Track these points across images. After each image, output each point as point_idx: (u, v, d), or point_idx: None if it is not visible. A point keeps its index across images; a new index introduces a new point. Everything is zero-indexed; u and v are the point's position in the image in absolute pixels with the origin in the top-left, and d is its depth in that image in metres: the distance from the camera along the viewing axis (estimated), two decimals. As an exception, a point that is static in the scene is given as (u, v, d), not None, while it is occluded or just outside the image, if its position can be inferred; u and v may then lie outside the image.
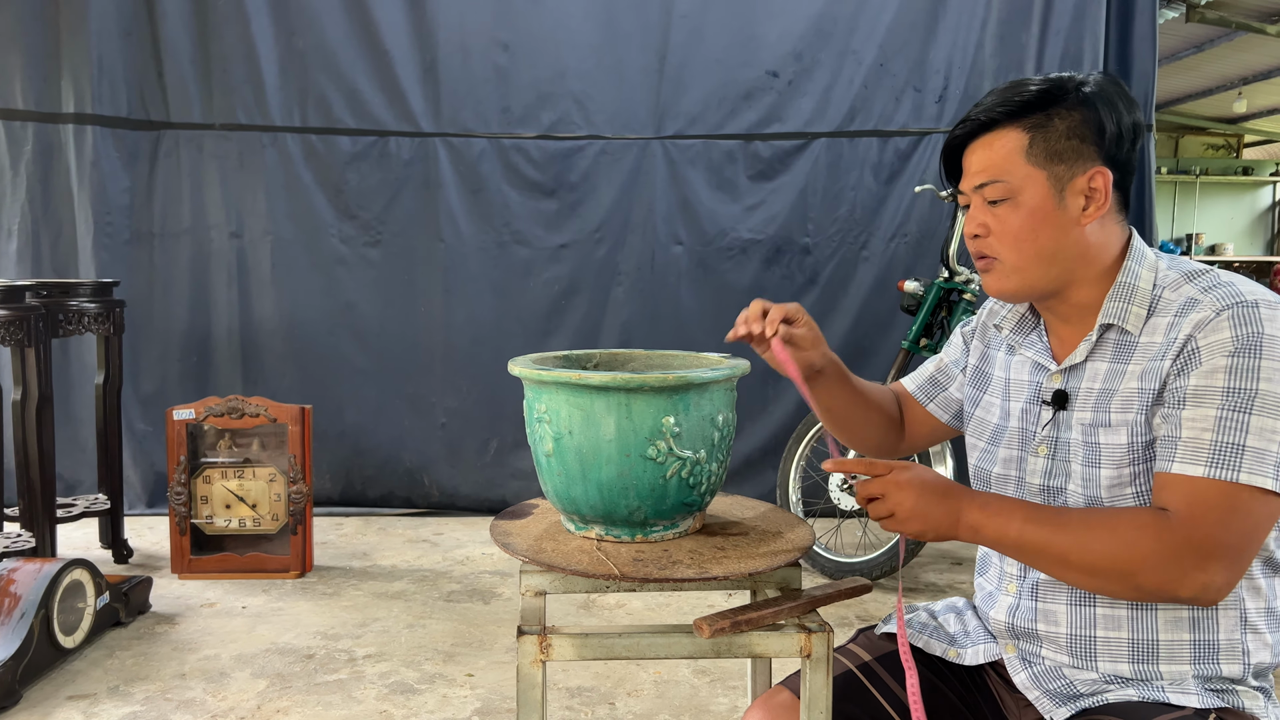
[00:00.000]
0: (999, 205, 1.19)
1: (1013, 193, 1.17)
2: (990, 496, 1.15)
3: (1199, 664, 1.14)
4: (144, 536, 3.80)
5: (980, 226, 1.21)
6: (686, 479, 1.34)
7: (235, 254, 4.20)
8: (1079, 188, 1.16)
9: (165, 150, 4.15)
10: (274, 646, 2.72)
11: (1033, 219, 1.16)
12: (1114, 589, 1.08)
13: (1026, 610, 1.25)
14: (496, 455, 4.27)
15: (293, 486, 3.30)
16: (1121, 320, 1.17)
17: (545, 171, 4.19)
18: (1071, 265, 1.18)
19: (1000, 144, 1.18)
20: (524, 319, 4.25)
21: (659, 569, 1.28)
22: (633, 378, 1.26)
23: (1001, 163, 1.17)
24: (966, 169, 1.23)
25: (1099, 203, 1.16)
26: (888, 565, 3.16)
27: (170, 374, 4.21)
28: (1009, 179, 1.17)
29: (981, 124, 1.20)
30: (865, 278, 4.20)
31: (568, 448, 1.33)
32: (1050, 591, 1.22)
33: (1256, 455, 1.04)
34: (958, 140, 1.24)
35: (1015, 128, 1.17)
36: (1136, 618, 1.16)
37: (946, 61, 4.10)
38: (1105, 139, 1.16)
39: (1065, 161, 1.16)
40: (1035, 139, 1.16)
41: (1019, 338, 1.33)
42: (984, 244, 1.22)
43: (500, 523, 1.49)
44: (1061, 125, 1.16)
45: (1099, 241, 1.18)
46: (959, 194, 1.26)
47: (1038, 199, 1.16)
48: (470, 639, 2.79)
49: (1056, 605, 1.22)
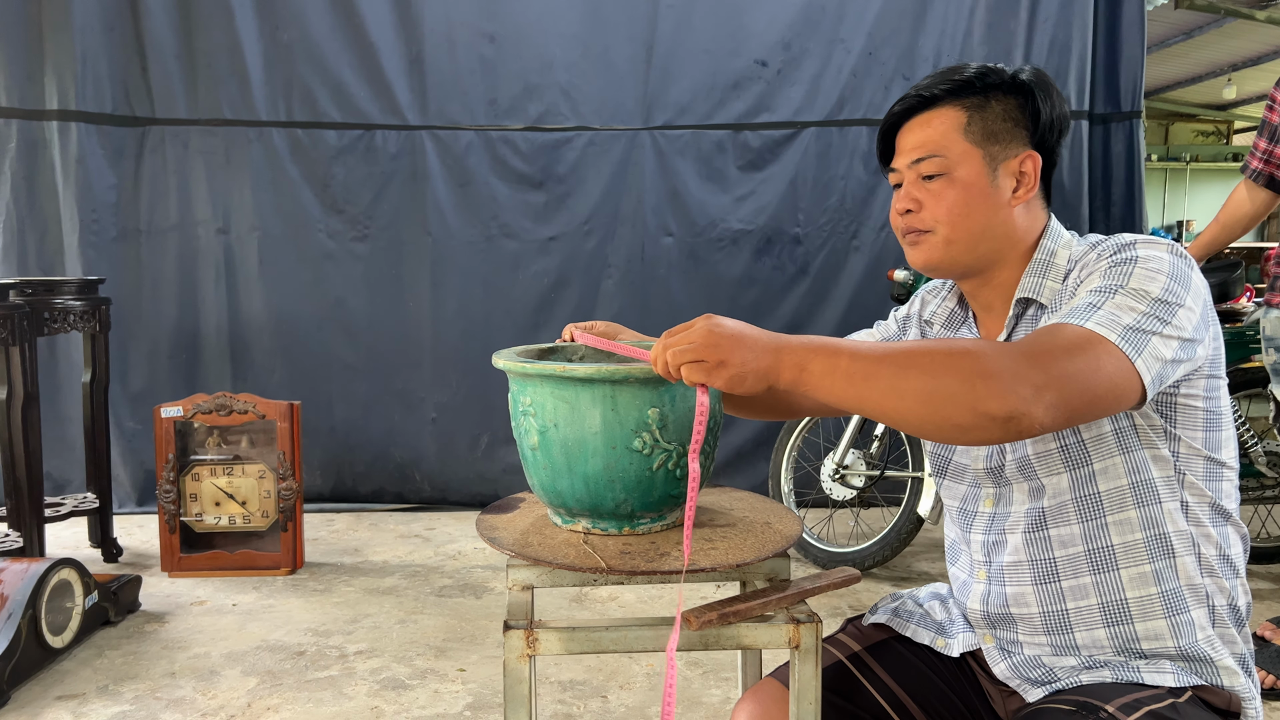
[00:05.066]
0: (933, 181, 1.20)
1: (949, 168, 1.19)
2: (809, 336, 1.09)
3: (1172, 614, 1.14)
4: (134, 535, 3.78)
5: (913, 202, 1.22)
6: (673, 470, 1.33)
7: (222, 250, 4.17)
8: (1011, 169, 1.19)
9: (151, 146, 4.11)
10: (264, 644, 2.71)
11: (967, 194, 1.18)
12: (948, 411, 0.96)
13: (997, 596, 1.25)
14: (487, 449, 4.26)
15: (282, 483, 3.29)
16: (1037, 294, 1.19)
17: (533, 163, 4.17)
18: (998, 245, 1.20)
19: (939, 121, 1.20)
20: (513, 312, 4.23)
21: (646, 561, 1.27)
22: (618, 369, 1.25)
23: (939, 139, 1.19)
24: (901, 148, 1.24)
25: (1028, 185, 1.19)
26: (880, 555, 3.15)
27: (159, 371, 4.18)
28: (946, 154, 1.19)
29: (923, 100, 1.22)
30: (856, 267, 4.19)
31: (553, 440, 1.32)
32: (1015, 573, 1.23)
33: (1110, 315, 1.03)
34: (895, 118, 1.25)
35: (954, 106, 1.20)
36: (1100, 582, 1.17)
37: (935, 50, 4.08)
38: (1039, 125, 1.20)
39: (1000, 142, 1.19)
40: (973, 118, 1.19)
41: (949, 331, 1.35)
42: (915, 219, 1.23)
43: (486, 517, 1.47)
44: (998, 107, 1.19)
45: (1024, 224, 1.21)
46: (890, 172, 1.27)
47: (973, 175, 1.18)
48: (462, 634, 2.78)
49: (1024, 587, 1.22)
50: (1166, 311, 1.05)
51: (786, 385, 1.04)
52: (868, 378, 1.00)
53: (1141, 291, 1.06)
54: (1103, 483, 1.16)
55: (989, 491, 1.28)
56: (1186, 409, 1.14)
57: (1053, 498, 1.19)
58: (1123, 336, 1.01)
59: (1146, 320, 1.03)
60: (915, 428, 1.02)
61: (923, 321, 1.42)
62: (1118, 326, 1.02)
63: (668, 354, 1.06)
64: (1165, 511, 1.15)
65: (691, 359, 1.04)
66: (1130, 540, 1.16)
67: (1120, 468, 1.15)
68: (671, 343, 1.06)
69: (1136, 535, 1.15)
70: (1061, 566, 1.20)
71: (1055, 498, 1.19)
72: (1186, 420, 1.15)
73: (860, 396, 1.01)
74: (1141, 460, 1.15)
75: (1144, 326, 1.03)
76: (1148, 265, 1.08)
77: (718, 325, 1.04)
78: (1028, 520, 1.22)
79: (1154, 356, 1.02)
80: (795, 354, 1.03)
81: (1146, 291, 1.06)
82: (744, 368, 1.02)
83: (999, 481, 1.25)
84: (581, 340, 1.51)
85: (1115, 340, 1.01)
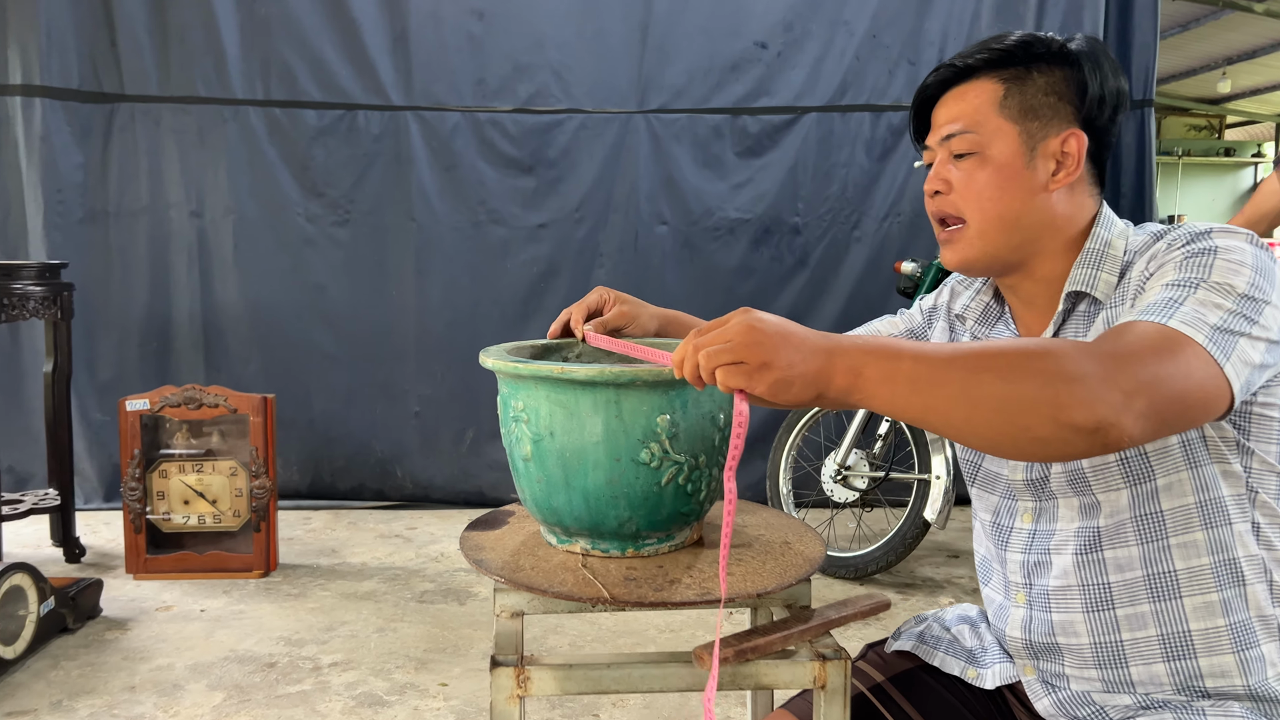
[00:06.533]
0: (964, 160, 1.09)
1: (981, 146, 1.08)
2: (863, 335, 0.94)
3: (1241, 649, 1.03)
4: (99, 533, 3.60)
5: (942, 183, 1.11)
6: (684, 485, 1.18)
7: (196, 234, 3.99)
8: (1051, 150, 1.07)
9: (120, 124, 3.92)
10: (233, 654, 2.54)
11: (999, 176, 1.07)
12: (1027, 421, 0.83)
13: (1041, 623, 1.13)
14: (473, 445, 4.09)
15: (255, 481, 3.11)
16: (1090, 287, 1.07)
17: (522, 147, 4.00)
18: (1036, 234, 1.09)
19: (973, 94, 1.09)
20: (501, 302, 4.06)
21: (655, 590, 1.11)
22: (624, 370, 1.09)
23: (972, 113, 1.09)
24: (934, 123, 1.14)
25: (1070, 168, 1.07)
26: (884, 560, 3.01)
27: (128, 361, 4.00)
28: (979, 131, 1.08)
29: (957, 71, 1.11)
30: (857, 259, 4.05)
31: (549, 451, 1.16)
32: (1063, 599, 1.10)
33: (1195, 313, 0.91)
34: (930, 91, 1.14)
35: (991, 78, 1.09)
36: (1161, 611, 1.05)
37: (941, 33, 3.94)
38: (1086, 100, 1.08)
39: (1040, 119, 1.07)
40: (1011, 91, 1.08)
41: (984, 329, 1.22)
42: (944, 201, 1.12)
43: (471, 535, 1.32)
44: (1040, 80, 1.08)
45: (1066, 212, 1.09)
46: (924, 150, 1.16)
47: (1006, 155, 1.07)
48: (444, 643, 2.62)
49: (1072, 614, 1.10)
50: (1254, 309, 0.93)
51: (837, 393, 0.90)
52: (934, 383, 0.86)
53: (1225, 286, 0.94)
54: (1166, 501, 1.04)
55: (1026, 505, 1.15)
56: (1262, 419, 1.02)
57: (1109, 516, 1.07)
58: (1210, 338, 0.89)
59: (1233, 319, 0.91)
60: (988, 442, 0.88)
61: (953, 315, 1.29)
62: (1204, 326, 0.90)
63: (700, 355, 0.90)
64: (1235, 534, 1.03)
65: (729, 360, 0.88)
66: (1195, 565, 1.04)
67: (1186, 484, 1.03)
68: (704, 341, 0.91)
69: (1203, 560, 1.04)
70: (1117, 593, 1.07)
71: (1112, 516, 1.07)
72: (1262, 432, 1.02)
73: (925, 405, 0.87)
74: (1210, 476, 1.03)
75: (1231, 326, 0.91)
76: (1229, 257, 0.96)
77: (759, 321, 0.89)
78: (1079, 540, 1.09)
79: (1242, 360, 0.90)
80: (849, 356, 0.88)
81: (1231, 286, 0.94)
82: (790, 371, 0.88)
83: (1040, 495, 1.13)
84: (594, 343, 1.34)
85: (1202, 342, 0.89)
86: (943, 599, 2.97)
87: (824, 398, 0.90)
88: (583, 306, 1.35)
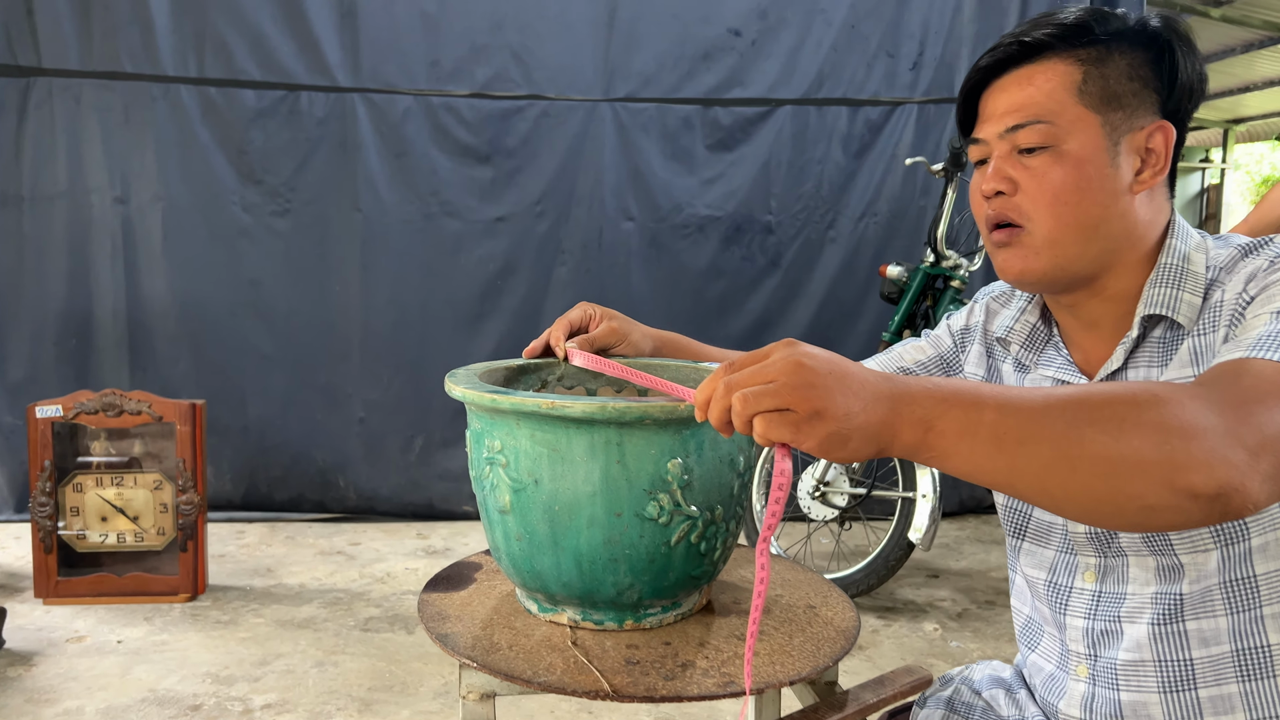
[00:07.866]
0: (1035, 155, 0.92)
1: (1057, 138, 0.91)
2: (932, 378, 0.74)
3: None
4: (8, 549, 3.27)
5: (1006, 183, 0.93)
6: (697, 544, 0.96)
7: (120, 222, 3.66)
8: (1136, 144, 0.92)
9: (36, 101, 3.58)
10: (152, 695, 2.26)
11: (1080, 175, 0.90)
12: (1136, 488, 0.67)
13: (1107, 703, 0.96)
14: (421, 454, 3.82)
15: (182, 496, 2.82)
16: (1171, 310, 0.91)
17: (479, 134, 3.73)
18: (1115, 244, 0.93)
19: (1044, 77, 0.92)
20: (454, 301, 3.79)
21: (665, 678, 0.90)
22: (630, 406, 0.87)
23: (1045, 100, 0.91)
24: (990, 112, 0.96)
25: (1156, 166, 0.92)
26: (866, 583, 2.83)
27: (44, 359, 3.66)
28: (1056, 120, 0.91)
29: (1024, 48, 0.92)
30: (831, 260, 3.86)
31: (533, 503, 0.93)
32: (1135, 675, 0.94)
33: None
34: (983, 74, 0.96)
35: (1066, 58, 0.91)
36: (1251, 692, 0.90)
37: (922, 25, 3.76)
38: (1175, 88, 0.91)
39: (1124, 109, 0.91)
40: (1090, 74, 0.90)
41: (1032, 355, 1.04)
42: (1008, 204, 0.93)
43: (432, 598, 1.08)
44: (1122, 62, 0.91)
45: (1147, 218, 0.94)
46: (973, 144, 0.97)
47: (1088, 150, 0.90)
48: (391, 680, 2.37)
49: (1147, 694, 0.93)
50: None
51: (903, 450, 0.71)
52: (1024, 440, 0.68)
53: None
54: (1260, 564, 0.89)
55: (1089, 562, 0.98)
56: None
57: (1195, 582, 0.91)
58: None
59: None
60: (1085, 510, 0.70)
61: (991, 339, 1.11)
62: None
63: (735, 397, 0.69)
64: None
65: (773, 406, 0.68)
66: None
67: None
68: (740, 380, 0.70)
69: None
70: (1200, 671, 0.91)
71: (1199, 581, 0.90)
72: None
73: (1013, 468, 0.69)
74: None
75: None
76: None
77: (809, 358, 0.69)
78: (1156, 608, 0.93)
79: None
80: (919, 405, 0.70)
81: None
82: (849, 423, 0.68)
83: (1105, 551, 0.96)
84: (578, 362, 1.12)
85: None
86: (927, 625, 2.79)
87: (885, 453, 0.71)
88: (564, 322, 1.17)
